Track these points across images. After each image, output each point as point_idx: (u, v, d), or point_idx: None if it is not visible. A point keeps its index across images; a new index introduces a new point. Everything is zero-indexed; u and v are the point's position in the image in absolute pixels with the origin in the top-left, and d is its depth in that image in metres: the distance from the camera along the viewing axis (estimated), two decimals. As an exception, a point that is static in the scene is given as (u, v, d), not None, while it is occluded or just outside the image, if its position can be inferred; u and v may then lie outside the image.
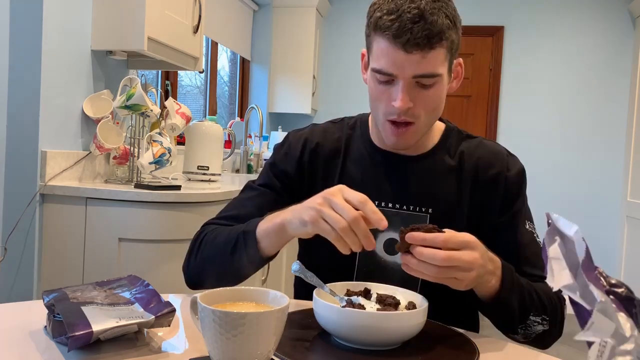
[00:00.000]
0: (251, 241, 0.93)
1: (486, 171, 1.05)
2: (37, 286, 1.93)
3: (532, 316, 0.93)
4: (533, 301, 0.93)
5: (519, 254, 1.02)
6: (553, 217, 0.51)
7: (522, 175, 1.08)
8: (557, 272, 0.47)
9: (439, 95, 0.97)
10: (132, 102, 2.00)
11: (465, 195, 1.04)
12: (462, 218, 1.04)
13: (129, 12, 2.05)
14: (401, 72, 0.93)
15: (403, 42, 0.90)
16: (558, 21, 4.34)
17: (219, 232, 1.02)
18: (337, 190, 0.83)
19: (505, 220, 1.04)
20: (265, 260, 0.96)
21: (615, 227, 4.25)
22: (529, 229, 1.05)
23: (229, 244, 0.96)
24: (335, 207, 0.80)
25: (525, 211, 1.06)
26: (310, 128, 1.14)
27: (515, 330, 0.94)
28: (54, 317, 0.75)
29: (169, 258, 1.91)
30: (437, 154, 1.07)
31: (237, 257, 0.95)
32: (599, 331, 0.44)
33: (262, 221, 0.94)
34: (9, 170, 1.93)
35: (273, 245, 0.93)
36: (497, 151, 1.09)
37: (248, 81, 4.40)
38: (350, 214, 0.78)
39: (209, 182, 2.43)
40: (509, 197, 1.05)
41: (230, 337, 0.62)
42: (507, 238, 1.03)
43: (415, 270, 0.80)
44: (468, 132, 1.12)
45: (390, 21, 0.91)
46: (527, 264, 1.01)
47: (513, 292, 0.91)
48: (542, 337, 0.96)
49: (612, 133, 4.28)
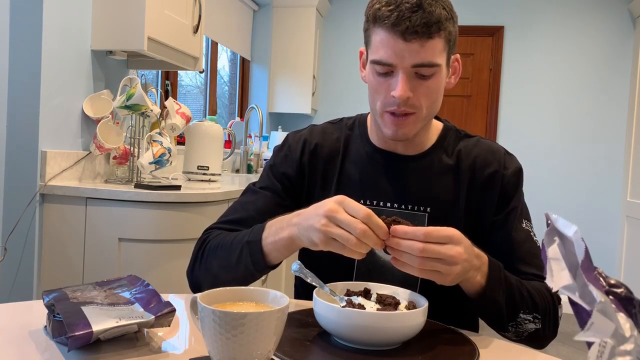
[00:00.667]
0: (256, 252, 0.93)
1: (483, 169, 1.05)
2: (37, 286, 1.93)
3: (522, 314, 0.92)
4: (523, 299, 0.93)
5: (514, 252, 1.02)
6: (552, 217, 0.51)
7: (519, 173, 1.08)
8: (556, 273, 0.47)
9: (437, 86, 0.98)
10: (132, 102, 2.00)
11: (462, 193, 1.05)
12: (459, 217, 1.04)
13: (129, 12, 2.05)
14: (400, 62, 0.93)
15: (402, 31, 0.91)
16: (558, 21, 4.34)
17: (221, 239, 1.01)
18: (337, 205, 0.81)
19: (501, 218, 1.04)
20: (271, 269, 0.97)
21: (615, 227, 4.25)
22: (526, 227, 1.04)
23: (233, 253, 0.96)
24: (342, 224, 0.80)
25: (522, 210, 1.06)
26: (309, 129, 1.15)
27: (505, 327, 0.94)
28: (54, 317, 0.75)
29: (169, 258, 1.91)
30: (435, 153, 1.08)
31: (242, 267, 0.95)
32: (599, 331, 0.44)
33: (265, 231, 0.93)
34: (9, 170, 1.93)
35: (281, 257, 0.94)
36: (495, 150, 1.09)
37: (248, 81, 4.40)
38: (358, 229, 0.78)
39: (209, 182, 2.43)
40: (506, 195, 1.05)
41: (230, 337, 0.62)
42: (503, 236, 1.03)
43: (399, 262, 0.81)
44: (466, 132, 1.12)
45: (389, 11, 0.92)
46: (522, 262, 1.01)
47: (499, 289, 0.90)
48: (536, 336, 0.95)
49: (612, 133, 4.28)
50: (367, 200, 1.05)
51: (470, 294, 0.91)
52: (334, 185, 1.08)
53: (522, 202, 1.07)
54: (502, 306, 0.91)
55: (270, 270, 0.97)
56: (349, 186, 1.07)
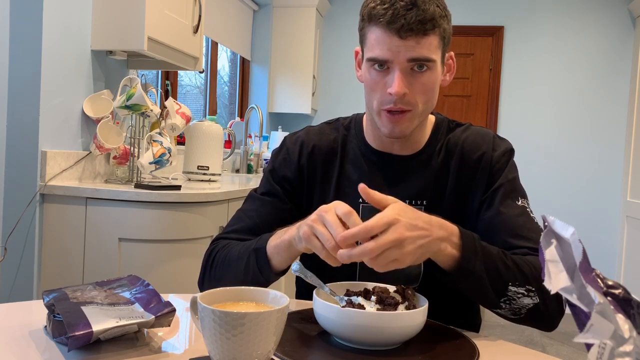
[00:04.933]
0: (262, 259, 0.95)
1: (472, 153, 1.06)
2: (37, 286, 1.93)
3: (511, 286, 0.88)
4: (508, 269, 0.88)
5: (505, 226, 0.99)
6: (549, 219, 0.51)
7: (509, 153, 1.07)
8: (554, 275, 0.47)
9: (433, 82, 0.98)
10: (132, 102, 2.00)
11: (452, 179, 1.05)
12: (453, 203, 1.04)
13: (129, 12, 2.05)
14: (396, 58, 0.94)
15: (397, 28, 0.92)
16: (558, 21, 4.34)
17: (229, 249, 1.03)
18: (332, 206, 0.82)
19: (489, 195, 1.03)
20: (277, 275, 0.97)
21: (615, 227, 4.25)
22: (521, 204, 1.02)
23: (241, 262, 0.98)
24: (327, 224, 0.80)
25: (513, 187, 1.04)
26: (306, 130, 1.15)
27: (496, 304, 0.90)
28: (54, 317, 0.75)
29: (169, 258, 1.91)
30: (429, 150, 1.08)
31: (250, 275, 0.96)
32: (598, 333, 0.44)
33: (271, 237, 0.96)
34: (9, 170, 1.93)
35: (284, 261, 0.95)
36: (484, 133, 1.09)
37: (248, 81, 4.40)
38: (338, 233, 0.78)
39: (209, 182, 2.43)
40: (494, 174, 1.04)
41: (230, 337, 0.62)
42: (491, 212, 1.01)
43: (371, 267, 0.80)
44: (457, 122, 1.13)
45: (384, 9, 0.93)
46: (515, 236, 0.98)
47: (475, 259, 0.86)
48: (537, 314, 0.90)
49: (612, 133, 4.28)
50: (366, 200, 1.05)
51: (447, 268, 0.88)
52: (333, 185, 1.09)
53: (511, 180, 1.04)
54: (482, 278, 0.87)
55: (276, 278, 0.98)
56: (348, 186, 1.08)
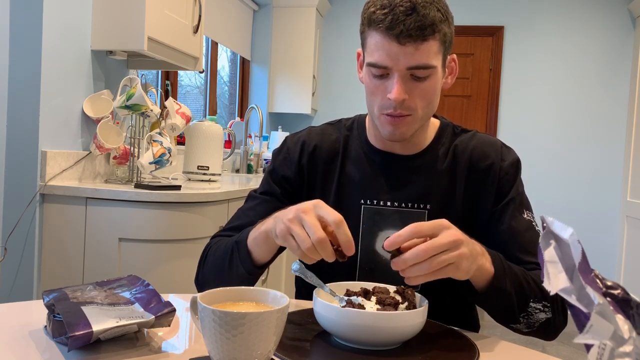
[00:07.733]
0: (243, 251, 0.96)
1: (480, 162, 1.06)
2: (37, 286, 1.93)
3: (532, 303, 0.91)
4: (530, 286, 0.92)
5: (515, 241, 1.01)
6: (548, 220, 0.51)
7: (517, 164, 1.07)
8: (553, 276, 0.47)
9: (433, 87, 0.98)
10: (132, 102, 2.00)
11: (460, 188, 1.05)
12: (458, 211, 1.04)
13: (129, 12, 2.05)
14: (395, 64, 0.94)
15: (396, 34, 0.92)
16: (558, 21, 4.34)
17: (220, 244, 1.04)
18: (311, 206, 0.82)
19: (499, 209, 1.04)
20: (260, 268, 0.97)
21: (615, 227, 4.25)
22: (527, 217, 1.03)
23: (226, 255, 0.99)
24: (305, 225, 0.80)
25: (521, 200, 1.05)
26: (307, 130, 1.15)
27: (516, 319, 0.92)
28: (54, 317, 0.75)
29: (169, 258, 1.91)
30: (433, 151, 1.08)
31: (234, 268, 0.97)
32: (598, 333, 0.44)
33: (252, 230, 0.96)
34: (9, 170, 1.93)
35: (264, 253, 0.95)
36: (492, 142, 1.09)
37: (248, 81, 4.40)
38: (317, 236, 0.78)
39: (209, 182, 2.43)
40: (503, 186, 1.04)
41: (230, 337, 0.62)
42: (502, 226, 1.02)
43: (412, 279, 0.79)
44: (462, 127, 1.13)
45: (384, 15, 0.93)
46: (524, 251, 1.00)
47: (506, 277, 0.89)
48: (547, 326, 0.93)
49: (612, 133, 4.28)
50: (367, 200, 1.06)
51: (481, 286, 0.89)
52: (334, 186, 1.09)
53: (520, 193, 1.06)
54: (512, 295, 0.89)
55: (260, 272, 0.98)
56: (349, 187, 1.08)
